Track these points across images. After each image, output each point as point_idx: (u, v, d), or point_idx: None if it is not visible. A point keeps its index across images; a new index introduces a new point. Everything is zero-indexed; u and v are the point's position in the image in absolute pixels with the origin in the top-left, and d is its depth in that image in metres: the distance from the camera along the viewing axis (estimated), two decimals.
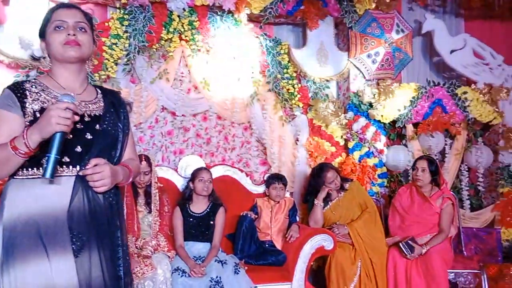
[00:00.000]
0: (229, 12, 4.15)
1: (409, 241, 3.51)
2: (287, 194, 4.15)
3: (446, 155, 4.73)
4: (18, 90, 1.64)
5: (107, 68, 3.83)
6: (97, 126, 1.70)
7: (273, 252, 3.61)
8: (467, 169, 4.78)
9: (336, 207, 3.84)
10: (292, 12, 4.36)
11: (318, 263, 3.92)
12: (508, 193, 4.63)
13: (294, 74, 4.42)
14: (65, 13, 1.70)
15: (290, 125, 4.51)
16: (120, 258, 1.70)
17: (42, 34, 1.73)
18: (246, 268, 3.36)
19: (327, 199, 3.86)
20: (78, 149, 1.63)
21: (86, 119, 1.69)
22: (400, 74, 4.87)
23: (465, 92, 4.63)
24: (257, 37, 4.29)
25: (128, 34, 3.87)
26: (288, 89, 4.38)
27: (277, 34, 4.65)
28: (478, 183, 4.79)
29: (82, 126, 1.66)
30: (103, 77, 3.84)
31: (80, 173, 1.60)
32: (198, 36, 4.08)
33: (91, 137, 1.67)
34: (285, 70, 4.38)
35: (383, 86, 4.48)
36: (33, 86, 1.67)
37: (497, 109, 4.68)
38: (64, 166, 1.60)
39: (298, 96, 4.41)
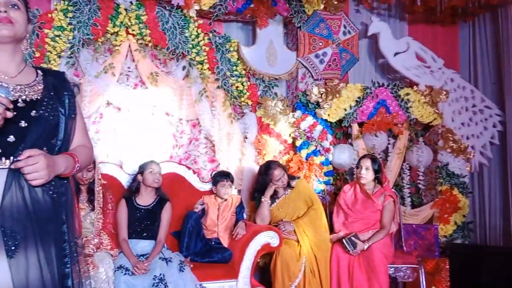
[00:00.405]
0: (178, 7, 4.11)
1: (352, 237, 3.61)
2: (235, 192, 4.16)
3: (389, 154, 4.88)
4: None
5: (49, 61, 3.71)
6: (33, 112, 1.54)
7: (219, 250, 3.61)
8: (408, 168, 4.95)
9: (283, 205, 3.89)
10: (241, 10, 4.36)
11: (265, 260, 3.95)
12: (446, 191, 4.84)
13: (243, 72, 4.43)
14: None
15: (239, 123, 4.52)
16: (67, 255, 1.57)
17: None
18: (191, 265, 3.34)
19: (274, 197, 3.90)
20: (11, 138, 1.49)
21: (20, 104, 1.53)
22: (347, 75, 4.99)
23: (407, 94, 4.80)
24: (206, 33, 4.26)
25: (72, 27, 3.75)
26: (237, 87, 4.39)
27: (227, 31, 4.64)
28: (419, 181, 4.98)
29: (15, 113, 1.48)
30: None
31: (12, 166, 1.45)
32: (146, 31, 4.02)
33: (26, 124, 1.51)
34: (234, 68, 4.38)
35: (330, 86, 4.56)
36: None
37: (437, 111, 4.88)
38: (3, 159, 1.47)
39: (247, 94, 4.42)
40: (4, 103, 1.42)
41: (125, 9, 3.93)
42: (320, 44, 4.58)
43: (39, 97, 1.59)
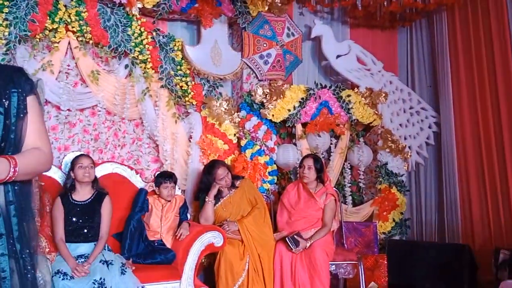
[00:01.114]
0: (120, 5, 4.03)
1: (295, 236, 3.68)
2: (178, 192, 4.12)
3: (332, 153, 5.01)
4: None
5: None
6: None
7: (162, 251, 3.57)
8: (350, 167, 5.11)
9: (227, 204, 3.90)
10: (186, 9, 4.33)
11: (210, 260, 3.95)
12: (385, 189, 5.03)
13: (188, 72, 4.40)
14: None
15: (183, 123, 4.49)
16: (5, 270, 1.43)
17: None
18: (133, 267, 3.29)
19: (218, 196, 3.91)
20: None
21: None
22: (291, 76, 5.08)
23: (349, 95, 4.94)
24: (149, 32, 4.21)
25: (8, 22, 3.59)
26: (182, 86, 4.35)
27: (171, 30, 4.59)
28: (360, 180, 5.14)
29: None
30: None
31: None
32: (87, 28, 3.91)
33: None
34: (178, 67, 4.34)
35: (274, 87, 4.63)
36: None
37: (376, 112, 5.06)
38: None
39: (192, 93, 4.40)
40: None
41: (65, 5, 3.81)
42: (265, 45, 4.63)
43: None
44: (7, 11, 3.61)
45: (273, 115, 4.61)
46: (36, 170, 1.55)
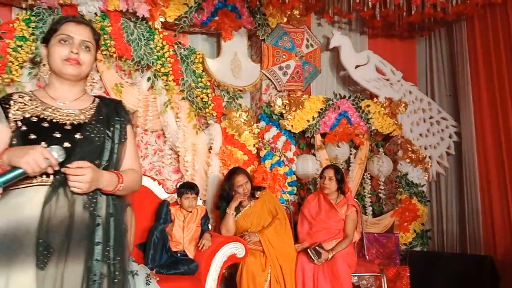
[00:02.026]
0: (143, 19, 4.11)
1: (317, 247, 3.68)
2: (200, 202, 4.16)
3: (351, 164, 5.01)
4: (5, 101, 1.69)
5: (11, 71, 3.63)
6: (78, 135, 1.65)
7: (185, 261, 3.60)
8: (369, 177, 5.09)
9: (248, 215, 3.92)
10: (206, 22, 4.40)
11: (231, 270, 3.97)
12: (406, 200, 5.00)
13: (208, 83, 4.46)
14: (73, 28, 1.71)
15: (204, 134, 4.54)
16: (96, 274, 1.56)
17: (46, 41, 1.74)
18: (157, 278, 3.32)
19: (238, 207, 3.93)
20: None
21: (67, 127, 1.66)
22: (309, 87, 5.10)
23: (368, 105, 4.95)
24: (171, 45, 4.28)
25: (35, 37, 3.69)
26: (202, 98, 4.41)
27: (192, 43, 4.66)
28: (380, 190, 5.12)
29: (59, 135, 1.63)
30: (6, 80, 3.65)
31: (62, 169, 1.56)
32: (111, 42, 4.00)
33: (70, 146, 1.63)
34: (199, 79, 4.40)
35: (293, 98, 4.66)
36: (21, 97, 1.71)
37: (396, 122, 5.05)
38: (38, 176, 1.57)
39: (212, 105, 4.45)
40: (51, 163, 1.53)
41: (90, 20, 3.90)
42: (284, 56, 4.67)
43: (86, 121, 1.70)
44: (33, 26, 3.71)
45: (292, 126, 4.63)
46: (132, 187, 1.78)
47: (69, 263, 1.53)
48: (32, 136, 1.60)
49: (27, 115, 1.65)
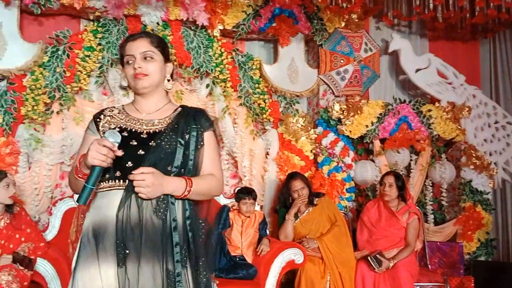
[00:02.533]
0: (203, 27, 4.20)
1: (377, 255, 3.61)
2: (257, 207, 4.18)
3: (412, 170, 4.87)
4: (97, 115, 1.85)
5: (79, 80, 3.82)
6: (151, 142, 1.73)
7: (244, 266, 3.63)
8: (431, 184, 4.93)
9: (306, 221, 3.90)
10: (264, 29, 4.44)
11: (288, 276, 3.95)
12: (469, 207, 4.81)
13: (265, 89, 4.49)
14: (131, 47, 1.79)
15: (261, 139, 4.57)
16: (180, 274, 1.64)
17: (122, 65, 1.86)
18: (217, 282, 3.35)
19: (296, 212, 3.92)
20: (129, 164, 1.68)
21: (144, 136, 1.76)
22: (368, 91, 5.02)
23: (429, 110, 4.81)
24: (229, 52, 4.34)
25: (102, 47, 3.87)
26: (260, 104, 4.45)
27: (249, 50, 4.71)
28: (442, 198, 4.95)
29: (136, 143, 1.73)
30: (75, 89, 3.83)
31: (129, 177, 1.65)
32: (172, 50, 4.11)
33: (143, 152, 1.71)
34: (256, 85, 4.45)
35: (351, 103, 4.60)
36: (110, 111, 1.86)
37: (459, 127, 4.87)
38: (117, 180, 1.69)
39: (269, 110, 4.48)
40: (109, 147, 1.62)
41: (152, 30, 4.03)
42: (342, 61, 4.63)
43: (161, 130, 1.76)
44: (100, 37, 3.88)
45: (350, 131, 4.57)
46: (208, 192, 1.80)
47: (143, 264, 1.61)
48: None
49: (112, 126, 1.78)
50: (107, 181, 1.70)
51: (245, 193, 3.91)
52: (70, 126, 3.93)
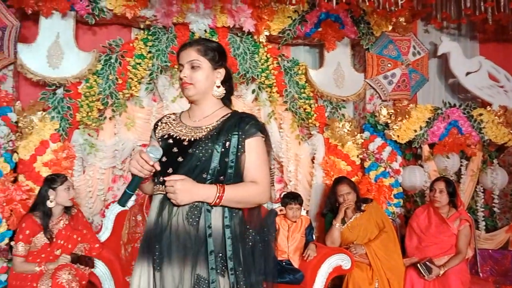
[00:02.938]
0: (249, 33, 4.25)
1: (427, 262, 3.55)
2: (303, 212, 4.18)
3: (462, 176, 4.76)
4: (156, 123, 1.96)
5: (130, 87, 3.94)
6: (190, 150, 1.77)
7: (291, 271, 3.63)
8: (482, 190, 4.81)
9: (354, 227, 3.86)
10: (310, 34, 4.44)
11: (334, 282, 3.93)
12: None
13: (311, 94, 4.49)
14: (181, 56, 1.86)
15: (307, 144, 4.57)
16: (214, 281, 1.66)
17: None
18: (264, 286, 3.38)
19: (343, 218, 3.90)
20: (170, 170, 1.75)
21: (185, 143, 1.80)
22: (416, 95, 4.94)
23: (480, 114, 4.68)
24: (275, 58, 4.37)
25: (152, 55, 3.97)
26: (305, 109, 4.45)
27: (294, 55, 4.73)
28: (493, 204, 4.81)
29: (176, 150, 1.79)
30: (126, 95, 3.96)
31: (166, 183, 1.73)
32: None
33: (182, 159, 1.76)
34: (302, 90, 4.46)
35: (399, 107, 4.54)
36: (168, 118, 1.95)
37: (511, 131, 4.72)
38: (160, 185, 1.77)
39: (315, 115, 4.48)
40: (146, 160, 1.70)
41: (199, 37, 4.11)
42: (389, 65, 4.57)
43: (201, 137, 1.79)
44: (150, 45, 3.99)
45: (398, 136, 4.51)
46: (246, 200, 1.78)
47: (173, 268, 1.67)
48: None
49: (163, 134, 1.86)
50: (155, 186, 1.81)
51: (291, 198, 3.92)
52: (121, 131, 4.06)
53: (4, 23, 3.52)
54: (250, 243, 1.78)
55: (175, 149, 1.78)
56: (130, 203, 1.89)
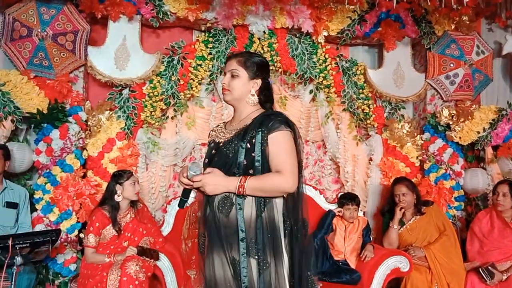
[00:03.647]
0: (307, 34, 4.27)
1: (489, 267, 3.45)
2: (360, 213, 4.16)
3: None
4: (209, 132, 2.23)
5: (191, 88, 4.06)
6: (217, 151, 2.03)
7: (348, 271, 3.64)
8: None
9: (413, 229, 3.81)
10: (369, 34, 4.40)
11: (391, 284, 3.88)
12: None
13: (370, 95, 4.46)
14: (226, 65, 2.12)
15: (365, 145, 4.54)
16: (245, 268, 1.86)
17: None
18: (320, 285, 3.41)
19: (402, 219, 3.85)
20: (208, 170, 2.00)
21: (221, 144, 2.04)
22: (479, 96, 4.79)
23: None
24: (333, 58, 4.37)
25: (212, 56, 4.08)
26: (363, 109, 4.43)
27: (353, 55, 4.70)
28: None
29: (214, 152, 2.05)
30: (187, 95, 4.09)
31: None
32: (277, 57, 4.23)
33: (216, 158, 2.02)
34: (360, 91, 4.43)
35: (462, 108, 4.42)
36: (216, 126, 2.21)
37: None
38: None
39: (373, 116, 4.44)
40: (186, 179, 1.97)
41: (259, 38, 4.18)
42: (451, 65, 4.46)
43: (231, 137, 2.01)
44: (211, 46, 4.10)
45: (460, 138, 4.40)
46: (269, 188, 1.91)
47: (215, 254, 1.91)
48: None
49: (210, 141, 2.13)
50: None
51: (348, 198, 3.92)
52: (182, 130, 4.20)
53: (76, 27, 3.74)
54: (286, 231, 1.96)
55: (213, 151, 2.04)
56: (191, 199, 2.05)
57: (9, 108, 3.58)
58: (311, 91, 4.45)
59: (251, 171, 1.92)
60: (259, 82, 2.06)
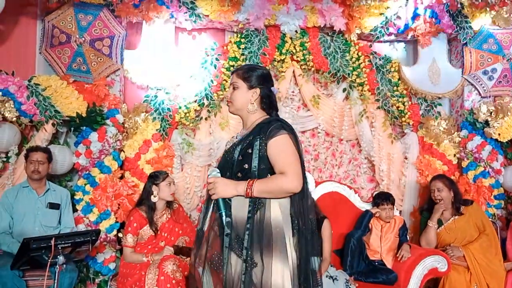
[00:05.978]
0: (340, 32, 4.24)
1: None
2: (396, 213, 4.10)
3: None
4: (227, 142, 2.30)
5: (224, 89, 4.10)
6: (228, 155, 2.15)
7: (384, 271, 3.60)
8: None
9: (452, 228, 3.74)
10: (403, 31, 4.34)
11: (429, 284, 3.83)
12: None
13: (405, 92, 4.39)
14: (231, 79, 2.24)
15: (400, 143, 4.48)
16: (225, 259, 1.98)
17: None
18: (356, 285, 3.40)
19: (441, 219, 3.78)
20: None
21: (226, 150, 2.20)
22: None
23: None
24: (366, 55, 4.33)
25: (244, 57, 4.11)
26: (398, 107, 4.37)
27: (387, 52, 4.63)
28: None
29: (223, 157, 2.21)
30: (221, 96, 4.13)
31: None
32: (309, 56, 4.22)
33: (222, 163, 2.19)
34: (395, 88, 4.38)
35: (501, 104, 4.30)
36: (232, 137, 2.26)
37: None
38: None
39: (408, 113, 4.38)
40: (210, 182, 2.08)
41: (290, 38, 4.19)
42: (489, 60, 4.35)
43: (237, 143, 2.13)
44: (243, 47, 4.14)
45: (499, 134, 4.27)
46: (275, 189, 2.01)
47: (229, 253, 1.99)
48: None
49: (225, 149, 2.23)
50: None
51: (383, 198, 3.88)
52: (216, 131, 4.25)
53: (112, 32, 3.84)
54: (294, 230, 2.03)
55: (223, 157, 2.19)
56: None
57: (50, 112, 3.70)
58: (344, 90, 4.42)
59: (250, 176, 2.02)
60: (258, 91, 2.14)
